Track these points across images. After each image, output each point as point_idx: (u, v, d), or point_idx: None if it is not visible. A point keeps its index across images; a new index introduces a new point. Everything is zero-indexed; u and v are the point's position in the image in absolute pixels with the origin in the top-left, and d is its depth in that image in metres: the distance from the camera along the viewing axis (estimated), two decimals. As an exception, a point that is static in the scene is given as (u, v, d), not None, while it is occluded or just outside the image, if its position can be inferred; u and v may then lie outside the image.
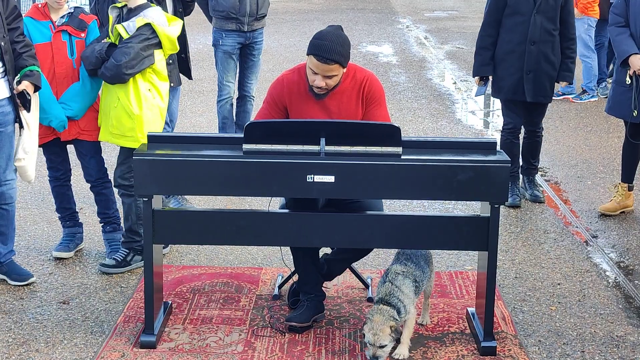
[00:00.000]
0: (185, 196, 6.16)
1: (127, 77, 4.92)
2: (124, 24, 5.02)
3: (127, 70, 4.89)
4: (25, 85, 4.74)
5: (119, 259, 5.17)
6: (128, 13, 5.10)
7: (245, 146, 4.13)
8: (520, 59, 6.26)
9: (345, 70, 4.36)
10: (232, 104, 7.62)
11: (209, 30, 7.64)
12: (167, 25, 5.09)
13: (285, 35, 15.31)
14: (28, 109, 4.78)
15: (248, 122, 4.21)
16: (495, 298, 4.40)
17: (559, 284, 5.13)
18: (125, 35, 4.96)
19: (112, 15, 5.13)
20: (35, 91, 4.83)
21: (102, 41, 5.04)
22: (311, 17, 18.04)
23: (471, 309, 4.60)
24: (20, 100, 4.76)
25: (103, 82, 5.10)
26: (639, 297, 4.97)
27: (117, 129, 5.05)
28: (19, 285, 4.96)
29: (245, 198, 6.35)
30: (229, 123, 7.61)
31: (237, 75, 7.60)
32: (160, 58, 5.06)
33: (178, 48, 5.22)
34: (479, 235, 4.21)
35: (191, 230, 4.29)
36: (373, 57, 13.24)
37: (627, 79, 5.90)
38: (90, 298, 4.84)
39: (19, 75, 4.78)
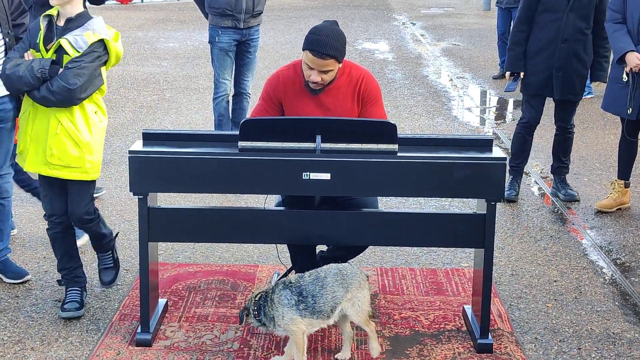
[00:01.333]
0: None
1: (79, 101, 4.33)
2: (69, 38, 4.32)
3: (81, 94, 4.29)
4: None
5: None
6: (67, 23, 4.37)
7: (241, 143, 4.12)
8: (551, 57, 6.26)
9: (341, 65, 4.35)
10: (228, 101, 7.60)
11: (205, 27, 7.63)
12: (114, 39, 4.44)
13: (281, 32, 15.29)
14: None
15: (244, 120, 4.20)
16: (492, 295, 4.40)
17: (555, 281, 5.12)
18: (73, 53, 4.30)
19: (43, 24, 4.39)
20: None
21: (40, 58, 4.35)
22: (307, 14, 18.03)
23: (467, 307, 4.60)
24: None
25: (29, 103, 4.44)
26: (635, 294, 4.96)
27: (58, 159, 4.39)
28: (15, 283, 4.95)
29: (241, 195, 6.34)
30: (225, 120, 7.59)
31: (233, 72, 7.59)
32: (103, 75, 4.47)
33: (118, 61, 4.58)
34: (475, 233, 4.20)
35: (187, 228, 4.28)
36: (369, 54, 13.23)
37: (624, 76, 5.89)
38: (86, 296, 4.82)
39: None
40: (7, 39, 4.67)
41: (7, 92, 4.72)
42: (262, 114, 4.46)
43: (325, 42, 4.21)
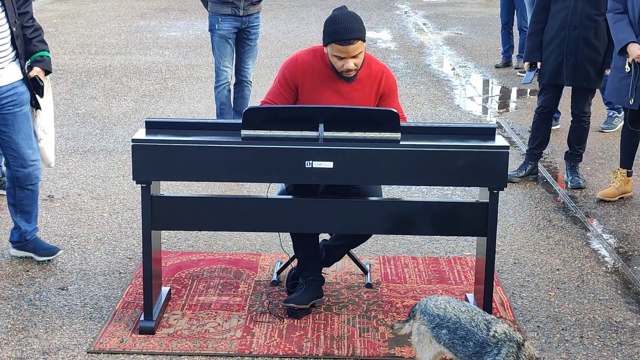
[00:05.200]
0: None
1: None
2: None
3: None
4: (37, 72, 4.80)
5: None
6: None
7: (244, 132, 4.12)
8: (561, 44, 6.36)
9: (365, 43, 4.37)
10: (229, 90, 7.59)
11: (207, 16, 7.62)
12: None
13: (283, 21, 15.26)
14: (41, 95, 4.83)
15: (246, 108, 4.20)
16: (494, 284, 4.40)
17: (557, 270, 5.13)
18: None
19: None
20: (45, 75, 4.87)
21: None
22: (309, 3, 17.99)
23: (470, 295, 4.61)
24: (33, 85, 4.81)
25: None
26: (637, 282, 4.97)
27: None
28: (47, 260, 5.03)
29: (243, 184, 6.35)
30: (227, 109, 7.59)
31: (234, 60, 7.58)
32: None
33: None
34: (478, 221, 4.21)
35: (190, 217, 4.29)
36: (372, 42, 13.20)
37: (627, 66, 5.88)
38: (89, 284, 4.84)
39: (29, 60, 4.82)
40: (14, 29, 4.70)
41: (19, 77, 4.75)
42: (278, 98, 4.45)
43: (346, 27, 4.23)
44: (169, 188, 6.24)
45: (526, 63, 6.66)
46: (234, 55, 7.54)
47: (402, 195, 6.30)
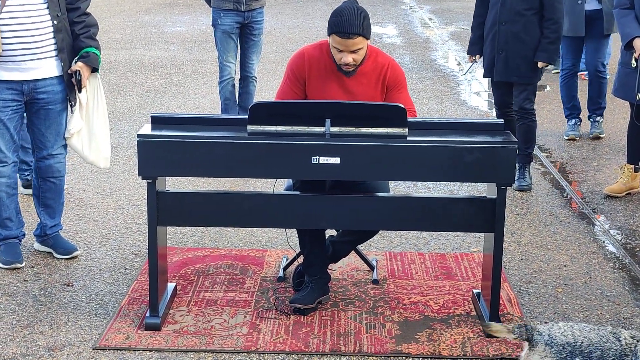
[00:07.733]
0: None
1: None
2: None
3: None
4: (79, 67, 4.78)
5: None
6: None
7: (250, 127, 4.10)
8: (493, 40, 6.39)
9: (369, 41, 4.34)
10: (233, 85, 7.59)
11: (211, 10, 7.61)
12: None
13: (288, 16, 15.24)
14: (79, 90, 4.81)
15: (253, 103, 4.19)
16: (501, 280, 4.38)
17: (565, 266, 5.11)
18: None
19: None
20: (93, 72, 4.86)
21: None
22: (314, -2, 17.96)
23: (477, 291, 4.59)
24: (74, 80, 4.80)
25: None
26: (645, 279, 4.95)
27: None
28: (64, 259, 5.03)
29: (249, 180, 6.33)
30: (231, 104, 7.58)
31: (239, 56, 7.56)
32: None
33: None
34: (485, 217, 4.19)
35: (195, 212, 4.27)
36: (377, 38, 13.18)
37: (633, 61, 5.86)
38: (94, 280, 4.83)
39: (77, 56, 4.81)
40: (55, 22, 4.68)
41: (57, 74, 4.75)
42: (289, 95, 4.43)
43: (349, 21, 4.21)
44: (174, 184, 6.23)
45: (468, 56, 6.75)
46: (238, 51, 7.52)
47: (409, 191, 6.28)
